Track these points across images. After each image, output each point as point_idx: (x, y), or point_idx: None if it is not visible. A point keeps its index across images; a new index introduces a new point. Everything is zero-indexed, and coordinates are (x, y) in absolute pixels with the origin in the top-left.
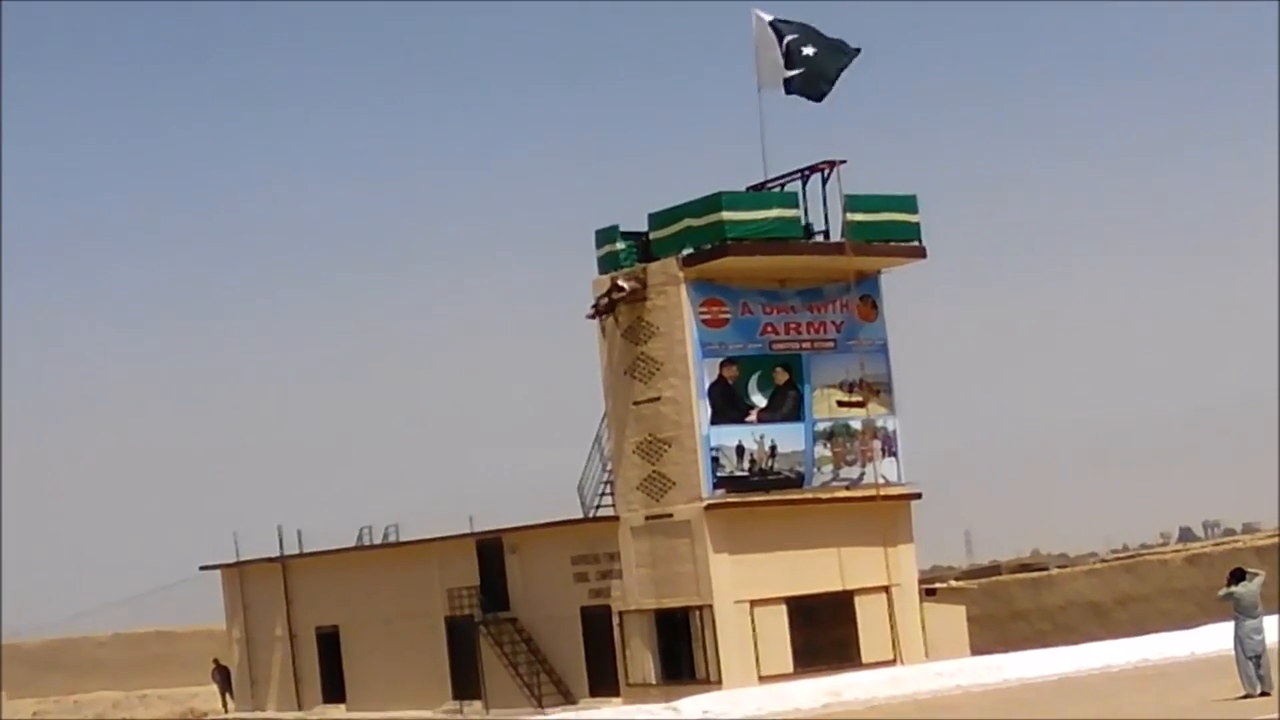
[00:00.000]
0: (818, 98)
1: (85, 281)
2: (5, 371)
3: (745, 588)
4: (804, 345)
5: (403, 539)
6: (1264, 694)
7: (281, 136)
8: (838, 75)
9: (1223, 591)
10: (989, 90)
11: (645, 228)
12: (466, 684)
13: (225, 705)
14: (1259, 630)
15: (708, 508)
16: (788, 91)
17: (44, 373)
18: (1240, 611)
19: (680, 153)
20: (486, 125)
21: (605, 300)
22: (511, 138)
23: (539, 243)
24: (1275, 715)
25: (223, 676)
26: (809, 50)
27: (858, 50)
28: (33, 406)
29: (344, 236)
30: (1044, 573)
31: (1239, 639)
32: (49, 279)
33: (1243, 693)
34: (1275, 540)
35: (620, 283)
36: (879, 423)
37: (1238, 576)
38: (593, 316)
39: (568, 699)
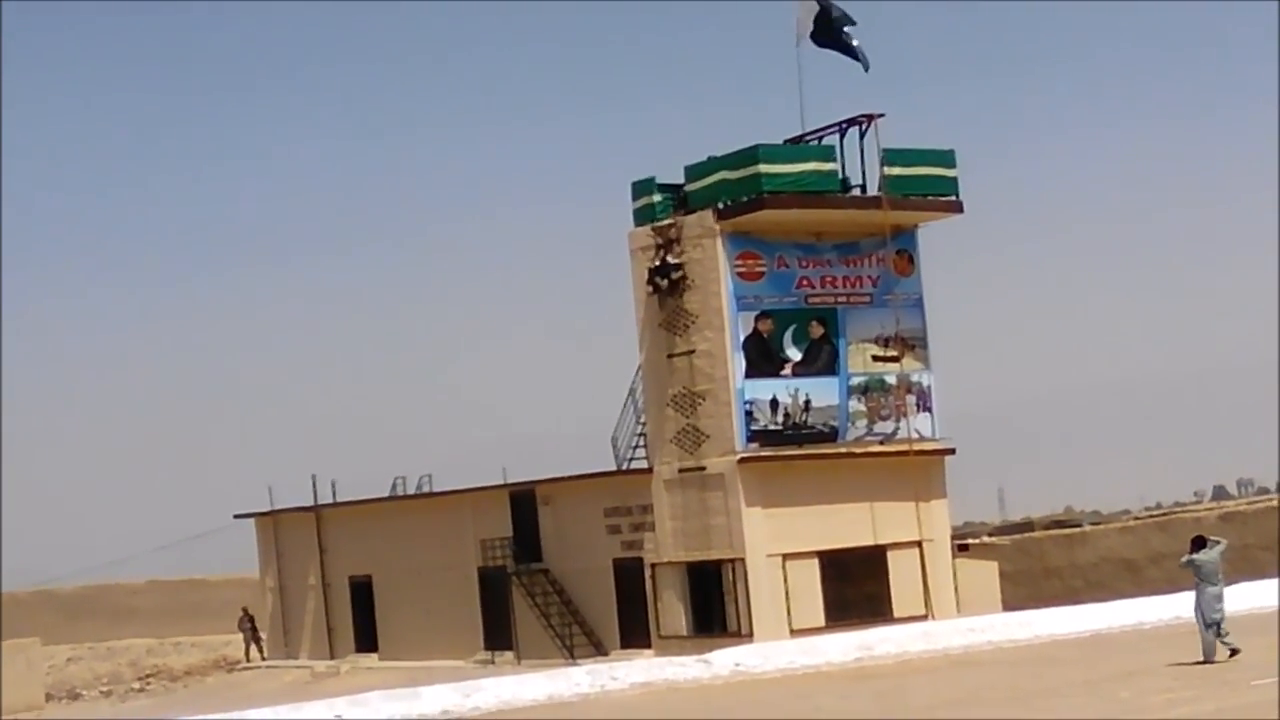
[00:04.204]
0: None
1: (119, 226)
2: (40, 319)
3: (778, 541)
4: (839, 299)
5: (436, 489)
6: (1234, 652)
7: (318, 91)
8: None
9: (1184, 559)
10: (1029, 45)
11: (681, 180)
12: (498, 634)
13: (248, 654)
14: (1219, 598)
15: (741, 461)
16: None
17: (78, 319)
18: (1201, 579)
19: (717, 105)
20: (521, 77)
21: (660, 276)
22: (547, 88)
23: (574, 194)
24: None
25: (250, 625)
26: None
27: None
28: (66, 354)
29: (375, 189)
30: (1077, 529)
31: (1199, 606)
32: (84, 221)
33: (1201, 659)
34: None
35: (670, 259)
36: (914, 378)
37: (1199, 544)
38: (653, 289)
39: (599, 650)
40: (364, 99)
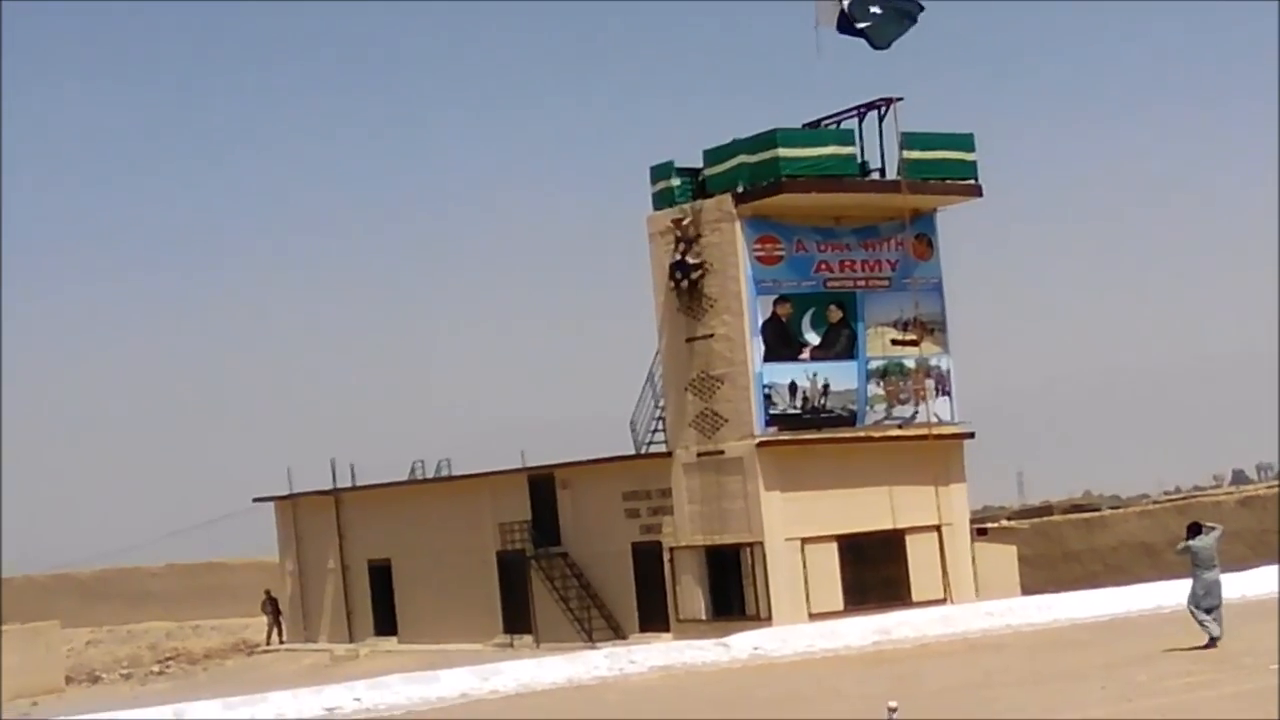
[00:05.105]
0: (880, 46)
1: (138, 209)
2: (58, 299)
3: (796, 525)
4: (858, 283)
5: (455, 473)
6: (1211, 644)
7: (342, 76)
8: (899, 35)
9: (1180, 546)
10: (1049, 28)
11: (700, 164)
12: (517, 618)
13: (270, 638)
14: (1217, 583)
15: (760, 445)
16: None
17: (98, 305)
18: (1197, 565)
19: (736, 89)
20: (541, 62)
21: (680, 272)
22: (567, 73)
23: (592, 178)
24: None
25: (273, 608)
26: (875, 9)
27: (921, 8)
28: (86, 339)
29: (395, 170)
30: (1096, 513)
31: (1194, 593)
32: (103, 205)
33: (1205, 641)
34: None
35: (689, 259)
36: (932, 361)
37: (1195, 530)
38: (673, 284)
39: (618, 634)
40: (390, 83)
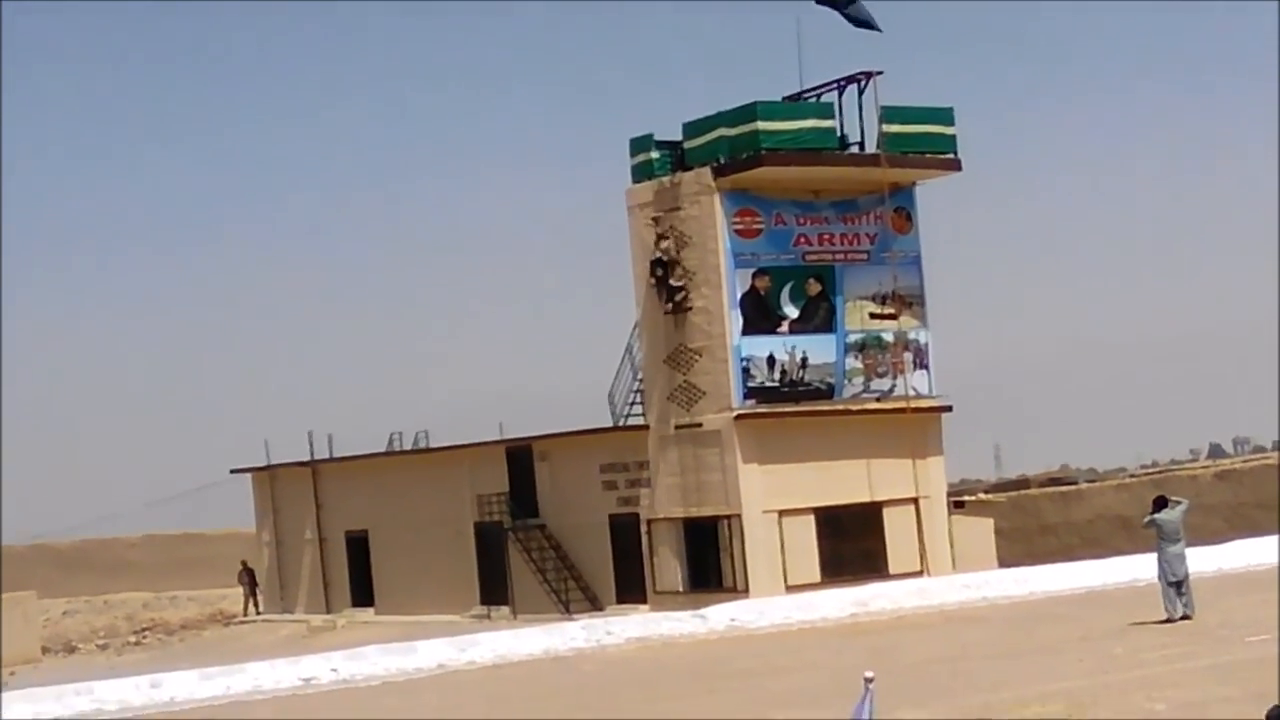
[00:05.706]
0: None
1: (113, 182)
2: (32, 268)
3: (774, 498)
4: (837, 257)
5: (433, 445)
6: (1185, 618)
7: (316, 46)
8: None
9: (1146, 519)
10: (1028, 2)
11: (680, 137)
12: (494, 589)
13: (247, 608)
14: (1181, 556)
15: (738, 418)
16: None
17: (73, 269)
18: (1163, 538)
19: (716, 62)
20: (519, 34)
21: (660, 268)
22: (545, 45)
23: (571, 150)
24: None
25: (250, 579)
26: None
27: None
28: (63, 305)
29: (374, 142)
30: (1072, 487)
31: (1162, 565)
32: (79, 169)
33: (1164, 617)
34: None
35: (673, 281)
36: (910, 335)
37: (1160, 504)
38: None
39: (595, 605)
40: (366, 58)
